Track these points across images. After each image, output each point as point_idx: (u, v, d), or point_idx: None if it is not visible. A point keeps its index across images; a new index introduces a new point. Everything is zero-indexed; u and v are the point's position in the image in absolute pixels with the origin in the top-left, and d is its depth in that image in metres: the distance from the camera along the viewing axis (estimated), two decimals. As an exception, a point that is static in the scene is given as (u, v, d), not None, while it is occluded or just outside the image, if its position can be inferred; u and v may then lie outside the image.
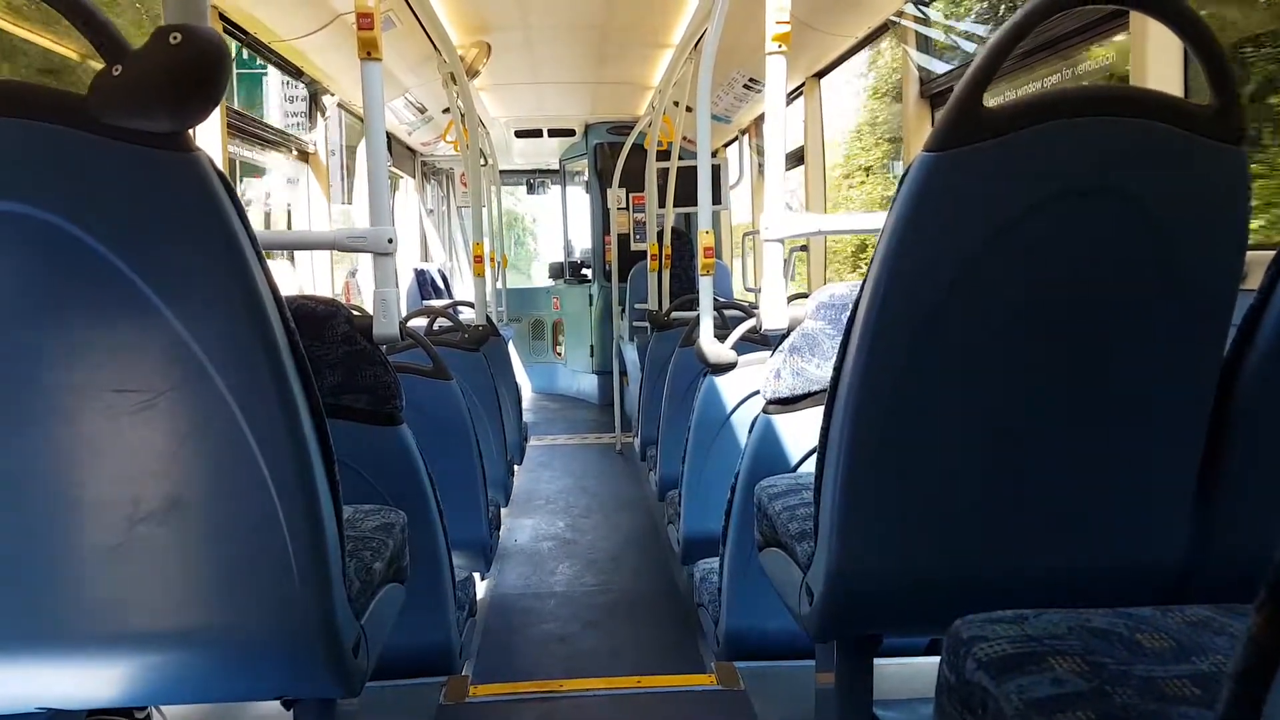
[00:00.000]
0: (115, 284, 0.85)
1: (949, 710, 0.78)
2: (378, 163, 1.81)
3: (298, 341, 0.95)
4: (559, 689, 1.87)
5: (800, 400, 1.73)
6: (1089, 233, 0.98)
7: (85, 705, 1.07)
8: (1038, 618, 0.80)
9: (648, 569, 3.14)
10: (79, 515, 0.93)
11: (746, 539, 1.67)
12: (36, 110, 0.80)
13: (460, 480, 2.37)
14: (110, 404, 0.89)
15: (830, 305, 1.67)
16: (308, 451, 0.95)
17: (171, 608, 0.99)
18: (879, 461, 1.08)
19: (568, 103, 5.48)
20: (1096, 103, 0.95)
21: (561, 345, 7.05)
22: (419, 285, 5.83)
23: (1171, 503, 1.09)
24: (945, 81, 2.86)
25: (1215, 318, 1.02)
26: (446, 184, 7.78)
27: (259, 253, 0.90)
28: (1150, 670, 0.71)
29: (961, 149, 0.95)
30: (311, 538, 0.97)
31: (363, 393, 1.69)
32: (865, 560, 1.13)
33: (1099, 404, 1.05)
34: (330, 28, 3.19)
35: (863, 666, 1.32)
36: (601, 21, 3.74)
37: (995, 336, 1.02)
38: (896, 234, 0.99)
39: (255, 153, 3.48)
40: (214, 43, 0.81)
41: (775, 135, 1.78)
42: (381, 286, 1.74)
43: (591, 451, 5.11)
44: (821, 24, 3.20)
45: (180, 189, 0.84)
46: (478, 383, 2.97)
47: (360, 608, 1.14)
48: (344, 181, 4.13)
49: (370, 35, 1.71)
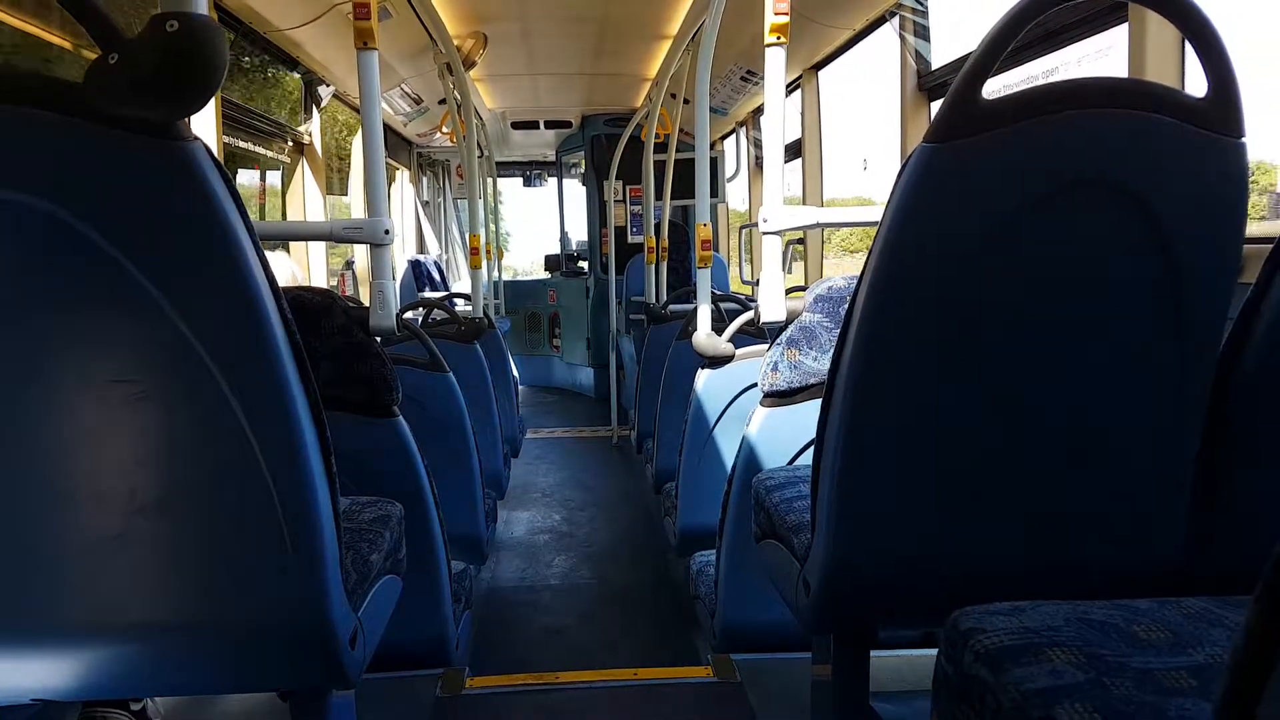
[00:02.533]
0: (111, 274, 0.84)
1: (946, 702, 0.79)
2: (374, 154, 1.80)
3: (295, 332, 0.94)
4: (555, 681, 1.87)
5: (798, 393, 1.73)
6: (1087, 225, 0.98)
7: (81, 697, 1.07)
8: (1035, 609, 0.81)
9: (644, 561, 3.15)
10: (75, 506, 0.93)
11: (743, 531, 1.67)
12: (31, 98, 0.80)
13: (456, 473, 2.37)
14: (106, 394, 0.89)
15: (828, 298, 1.67)
16: (304, 443, 0.95)
17: (167, 599, 0.98)
18: (876, 454, 1.08)
19: (564, 94, 5.45)
20: (1095, 95, 0.95)
21: (558, 338, 7.04)
22: (415, 277, 5.82)
23: (1169, 495, 1.09)
24: (942, 74, 2.85)
25: (1213, 310, 1.02)
26: (442, 175, 7.75)
27: (256, 243, 0.89)
28: (1148, 662, 0.72)
29: (960, 141, 0.95)
30: (308, 530, 0.97)
31: (359, 384, 1.68)
32: (862, 552, 1.13)
33: (1096, 396, 1.05)
34: (326, 17, 3.17)
35: (859, 658, 1.33)
36: (599, 13, 3.72)
37: (993, 328, 1.02)
38: (894, 226, 0.99)
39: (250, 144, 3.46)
40: (211, 31, 0.80)
41: (774, 127, 1.77)
42: (378, 278, 1.74)
43: (588, 444, 5.11)
44: (819, 15, 3.19)
45: (177, 179, 0.83)
46: (474, 375, 2.97)
47: (357, 600, 1.14)
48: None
49: (366, 25, 1.70)
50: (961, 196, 0.97)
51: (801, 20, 3.14)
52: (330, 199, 4.16)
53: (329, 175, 4.18)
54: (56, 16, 2.24)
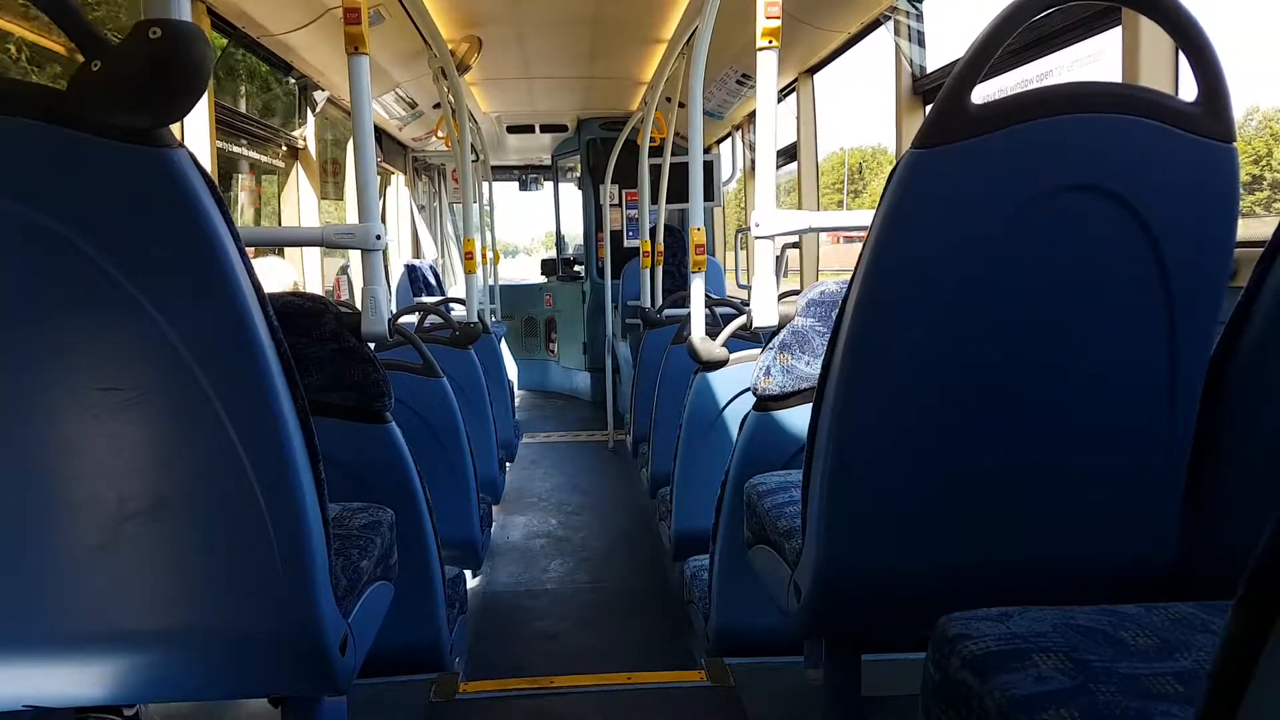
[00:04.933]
0: (96, 281, 0.84)
1: (933, 708, 0.78)
2: (366, 158, 1.80)
3: (281, 339, 0.94)
4: (549, 686, 1.86)
5: (790, 397, 1.73)
6: (1078, 229, 0.98)
7: (73, 704, 1.06)
8: (1022, 615, 0.80)
9: (639, 566, 3.14)
10: (64, 514, 0.92)
11: (736, 536, 1.67)
12: (14, 106, 0.79)
13: (451, 478, 2.37)
14: (94, 402, 0.88)
15: (820, 302, 1.67)
16: (291, 449, 0.94)
17: (158, 606, 0.98)
18: (866, 459, 1.08)
19: (560, 98, 5.45)
20: (1085, 100, 0.95)
21: (554, 342, 7.04)
22: (410, 281, 5.81)
23: (1159, 500, 1.09)
24: (937, 78, 2.86)
25: (1204, 314, 1.02)
26: (438, 179, 7.75)
27: (241, 250, 0.89)
28: (1134, 668, 0.71)
29: (949, 146, 0.95)
30: (296, 536, 0.97)
31: (350, 390, 1.68)
32: (852, 557, 1.13)
33: (1087, 401, 1.05)
34: (319, 22, 3.17)
35: (851, 663, 1.33)
36: (593, 16, 3.72)
37: (984, 333, 1.02)
38: (885, 230, 0.99)
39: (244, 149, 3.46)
40: (195, 37, 0.80)
41: (766, 131, 1.77)
42: (370, 283, 1.73)
43: (584, 449, 5.10)
44: (813, 19, 3.20)
45: (160, 186, 0.83)
46: (469, 380, 2.97)
47: (347, 606, 1.14)
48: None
49: (357, 30, 1.70)
50: (951, 201, 0.97)
51: (795, 24, 3.14)
52: (325, 204, 4.15)
53: (324, 180, 4.17)
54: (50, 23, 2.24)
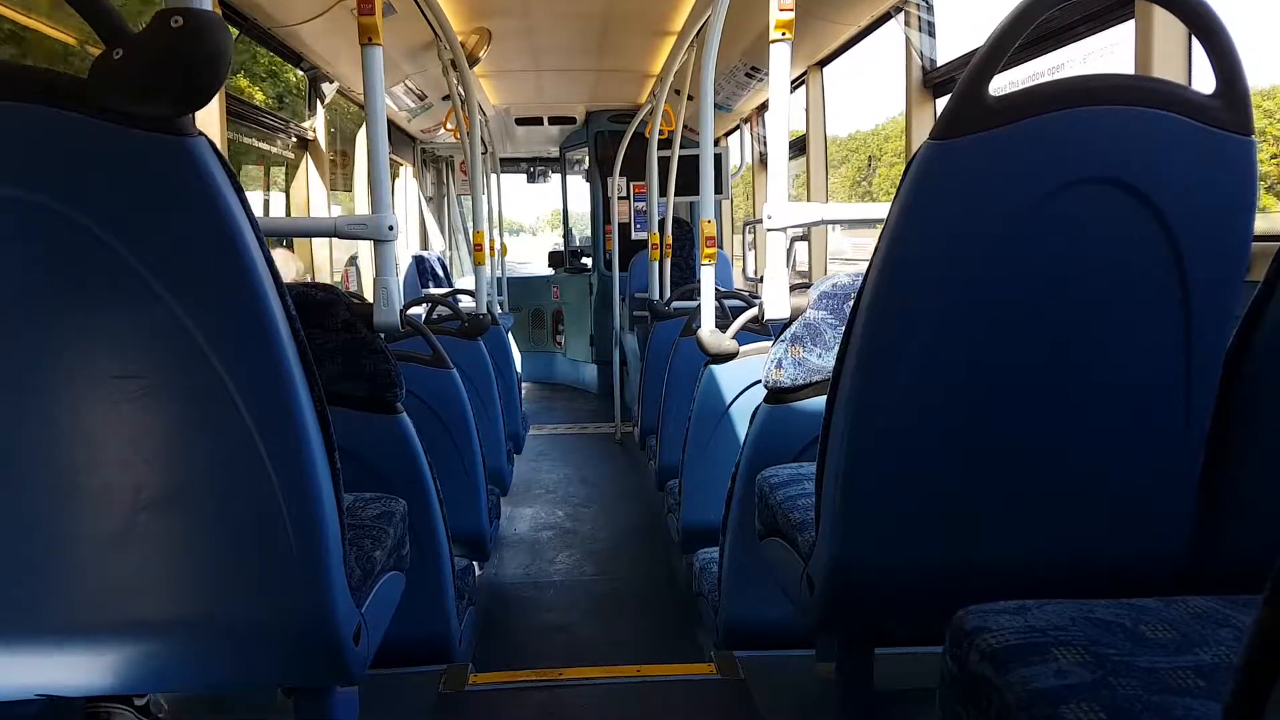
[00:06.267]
0: (116, 270, 0.84)
1: (951, 702, 0.78)
2: (378, 149, 1.80)
3: (299, 328, 0.94)
4: (558, 678, 1.87)
5: (802, 390, 1.73)
6: (1094, 222, 0.98)
7: (86, 693, 1.07)
8: (1041, 609, 0.80)
9: (647, 558, 3.15)
10: (80, 502, 0.93)
11: (747, 528, 1.67)
12: (35, 93, 0.80)
13: (460, 469, 2.37)
14: (111, 390, 0.89)
15: (832, 295, 1.66)
16: (308, 439, 0.95)
17: (171, 596, 0.99)
18: (881, 451, 1.08)
19: (568, 90, 5.44)
20: (1102, 92, 0.94)
21: (562, 334, 7.04)
22: (419, 273, 5.82)
23: (1175, 493, 1.08)
24: (947, 70, 2.84)
25: (1220, 308, 1.01)
26: (446, 171, 7.75)
27: (261, 240, 0.89)
28: (1154, 661, 0.71)
29: (966, 138, 0.94)
30: (312, 526, 0.97)
31: (362, 381, 1.68)
32: (867, 550, 1.13)
33: (1103, 393, 1.05)
34: (331, 13, 3.17)
35: (864, 656, 1.32)
36: (603, 9, 3.71)
37: (1000, 326, 1.02)
38: (901, 223, 0.98)
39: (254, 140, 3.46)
40: (217, 26, 0.80)
41: (779, 124, 1.77)
42: (382, 274, 1.74)
43: (591, 441, 5.11)
44: (824, 12, 3.18)
45: (181, 174, 0.83)
46: (477, 371, 2.97)
47: (361, 596, 1.14)
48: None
49: (371, 20, 1.70)
50: (967, 193, 0.97)
51: (806, 16, 3.12)
52: (335, 194, 4.16)
53: (334, 171, 4.18)
54: (64, 12, 2.24)
